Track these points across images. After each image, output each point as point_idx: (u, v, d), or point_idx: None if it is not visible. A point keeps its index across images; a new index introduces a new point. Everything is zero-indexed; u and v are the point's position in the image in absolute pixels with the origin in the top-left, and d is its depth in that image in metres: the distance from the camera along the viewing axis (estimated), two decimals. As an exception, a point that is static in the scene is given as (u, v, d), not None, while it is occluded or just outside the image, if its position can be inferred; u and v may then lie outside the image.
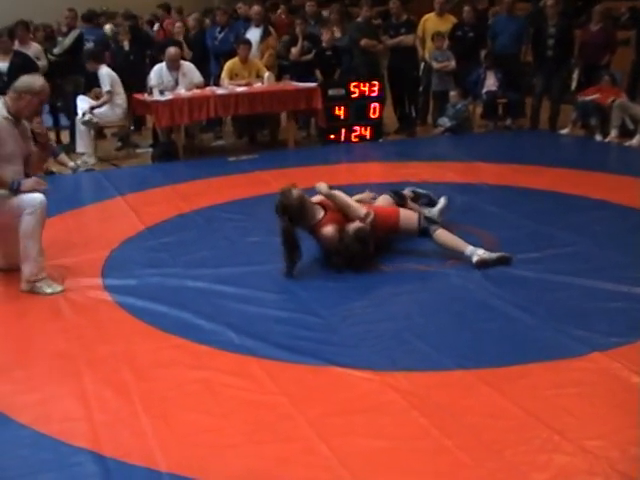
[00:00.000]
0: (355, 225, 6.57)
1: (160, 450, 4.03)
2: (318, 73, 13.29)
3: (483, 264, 6.45)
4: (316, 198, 6.87)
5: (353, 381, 4.70)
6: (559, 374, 4.67)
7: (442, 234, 6.72)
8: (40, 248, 6.28)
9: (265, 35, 13.84)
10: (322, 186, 6.84)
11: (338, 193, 6.81)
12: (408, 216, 6.87)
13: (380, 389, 4.58)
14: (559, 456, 3.83)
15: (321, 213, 6.70)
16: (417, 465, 3.84)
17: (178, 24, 14.67)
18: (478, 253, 6.49)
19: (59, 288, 6.28)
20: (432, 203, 7.55)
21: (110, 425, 4.31)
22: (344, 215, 6.71)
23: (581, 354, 4.89)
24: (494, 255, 6.52)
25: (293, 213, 6.51)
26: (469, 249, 6.57)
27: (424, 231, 6.76)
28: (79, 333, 5.57)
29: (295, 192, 6.56)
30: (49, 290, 6.21)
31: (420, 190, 7.73)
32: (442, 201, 7.45)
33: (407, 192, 7.52)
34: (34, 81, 6.69)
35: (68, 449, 4.09)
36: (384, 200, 7.20)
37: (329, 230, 6.57)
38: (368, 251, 6.57)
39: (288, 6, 18.05)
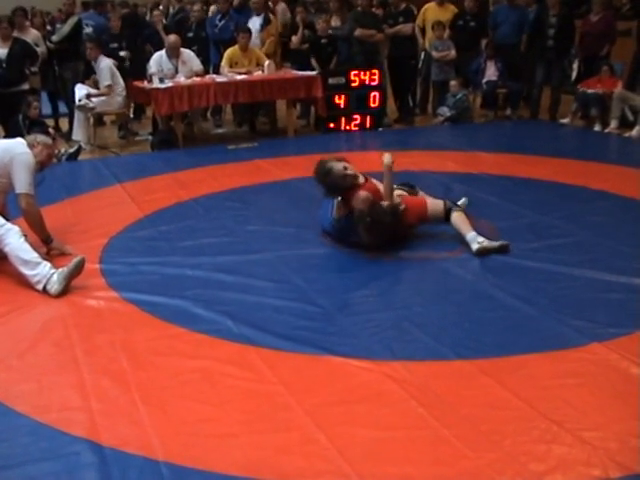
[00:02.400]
0: (389, 202, 6.65)
1: (158, 439, 4.02)
2: (314, 61, 13.25)
3: (483, 252, 6.45)
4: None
5: (352, 371, 4.69)
6: (558, 364, 4.66)
7: (456, 217, 6.77)
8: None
9: (266, 23, 13.81)
10: (387, 158, 6.91)
11: (392, 180, 6.87)
12: (436, 206, 6.93)
13: (379, 379, 4.57)
14: (558, 447, 3.82)
15: (361, 179, 6.75)
16: (416, 455, 3.83)
17: (156, 12, 14.61)
18: (478, 241, 6.49)
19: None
20: None
21: (108, 414, 4.30)
22: (378, 192, 6.75)
23: (580, 344, 4.87)
24: (495, 243, 6.52)
25: (325, 184, 6.73)
26: (470, 235, 6.58)
27: (448, 214, 6.83)
28: (76, 322, 5.55)
29: (333, 173, 6.65)
30: (60, 287, 6.13)
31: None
32: (461, 202, 7.44)
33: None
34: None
35: (66, 438, 4.08)
36: (397, 194, 7.12)
37: (363, 193, 6.59)
38: (396, 227, 6.59)
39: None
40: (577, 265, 6.20)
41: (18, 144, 6.81)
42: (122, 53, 13.09)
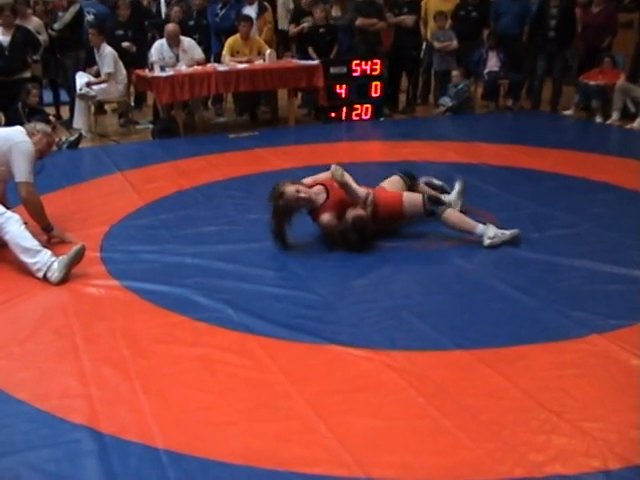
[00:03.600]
0: (354, 213, 6.48)
1: (157, 427, 4.02)
2: (311, 51, 13.24)
3: (494, 246, 6.47)
4: (319, 177, 6.83)
5: (352, 360, 4.69)
6: (558, 355, 4.66)
7: (450, 215, 6.65)
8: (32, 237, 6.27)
9: (261, 11, 13.81)
10: (338, 173, 6.57)
11: (349, 182, 6.62)
12: (412, 200, 6.74)
13: (379, 368, 4.57)
14: (557, 437, 3.82)
15: (322, 197, 6.62)
16: (415, 444, 3.83)
17: (176, 8, 14.46)
18: (489, 235, 6.47)
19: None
20: (445, 192, 7.43)
21: (108, 402, 4.30)
22: (345, 199, 6.61)
23: (580, 336, 4.88)
24: (506, 235, 6.52)
25: (283, 213, 6.53)
26: (479, 228, 6.55)
27: (431, 213, 6.67)
28: (76, 309, 5.55)
29: (286, 196, 6.48)
30: (60, 275, 6.13)
31: (435, 181, 7.59)
32: (457, 186, 7.33)
33: (422, 181, 7.36)
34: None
35: (66, 425, 4.09)
36: (394, 181, 7.10)
37: (326, 218, 6.53)
38: (365, 239, 6.51)
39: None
40: (577, 256, 6.19)
41: (17, 132, 6.80)
42: (125, 44, 13.03)
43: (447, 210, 6.68)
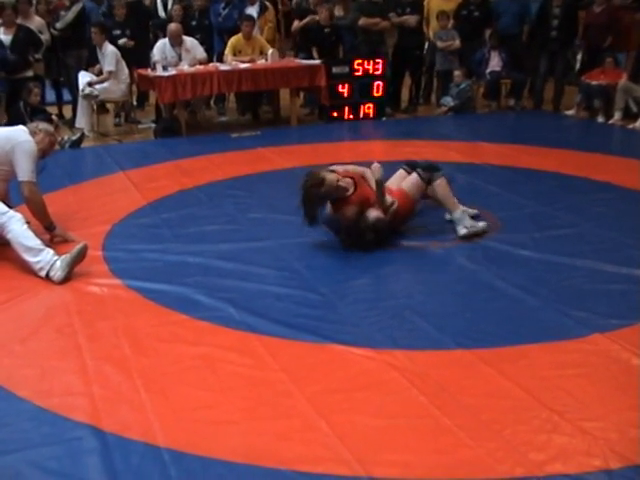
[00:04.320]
0: (376, 214, 6.53)
1: (159, 425, 4.03)
2: (315, 51, 13.25)
3: (467, 237, 6.62)
4: (350, 169, 6.89)
5: (353, 359, 4.70)
6: (559, 355, 4.67)
7: (440, 185, 6.85)
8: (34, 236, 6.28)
9: (262, 11, 13.81)
10: (376, 172, 6.70)
11: (384, 186, 6.73)
12: (411, 184, 6.94)
13: (380, 367, 4.58)
14: (558, 437, 3.83)
15: (350, 190, 6.61)
16: (416, 443, 3.84)
17: (176, 7, 14.40)
18: (465, 225, 6.61)
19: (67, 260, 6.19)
20: None
21: (110, 400, 4.31)
22: (370, 198, 6.63)
23: (581, 335, 4.88)
24: (478, 227, 6.69)
25: (320, 199, 6.54)
26: (458, 212, 6.71)
27: (429, 181, 6.86)
28: (79, 308, 5.56)
29: (326, 182, 6.44)
30: (63, 274, 6.13)
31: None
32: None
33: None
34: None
35: (68, 423, 4.10)
36: (400, 177, 7.13)
37: (350, 211, 6.52)
38: (379, 240, 6.55)
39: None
40: (579, 256, 6.20)
41: (20, 132, 6.81)
42: (120, 41, 13.02)
43: (440, 179, 6.87)
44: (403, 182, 6.98)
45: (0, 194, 6.64)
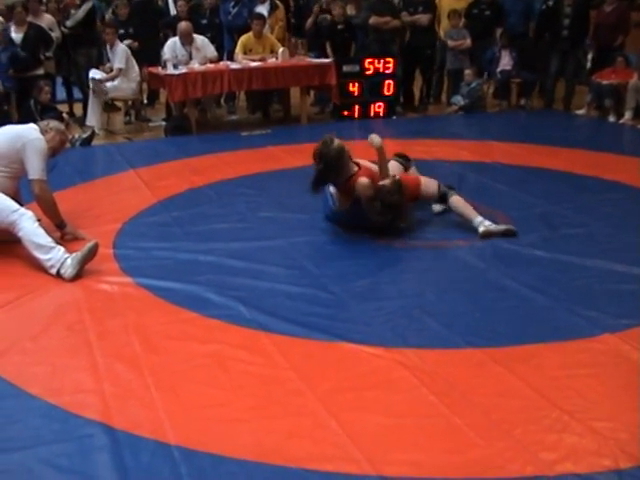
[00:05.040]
0: (390, 179, 6.72)
1: (169, 423, 4.04)
2: (328, 47, 13.23)
3: (488, 235, 6.59)
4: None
5: (363, 357, 4.70)
6: (569, 355, 4.67)
7: (457, 200, 6.90)
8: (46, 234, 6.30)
9: (272, 10, 13.81)
10: (376, 139, 6.89)
11: (384, 153, 6.94)
12: (429, 184, 7.05)
13: (390, 366, 4.58)
14: (568, 436, 3.83)
15: (355, 168, 6.77)
16: (426, 442, 3.84)
17: (180, 2, 14.36)
18: (485, 224, 6.60)
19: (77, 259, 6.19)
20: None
21: (120, 397, 4.32)
22: (374, 174, 6.80)
23: (592, 335, 4.88)
24: (501, 227, 6.66)
25: (329, 163, 6.64)
26: (478, 219, 6.68)
27: (443, 196, 6.94)
28: (89, 306, 5.57)
29: (336, 142, 6.67)
30: (73, 271, 6.14)
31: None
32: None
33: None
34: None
35: (78, 421, 4.11)
36: (393, 166, 7.23)
37: (364, 180, 6.63)
38: (403, 200, 6.68)
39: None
40: (589, 256, 6.20)
41: (30, 130, 6.82)
42: (125, 42, 13.00)
43: (455, 195, 6.93)
44: (423, 177, 7.21)
45: (11, 192, 6.65)
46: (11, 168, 6.67)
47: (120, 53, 12.24)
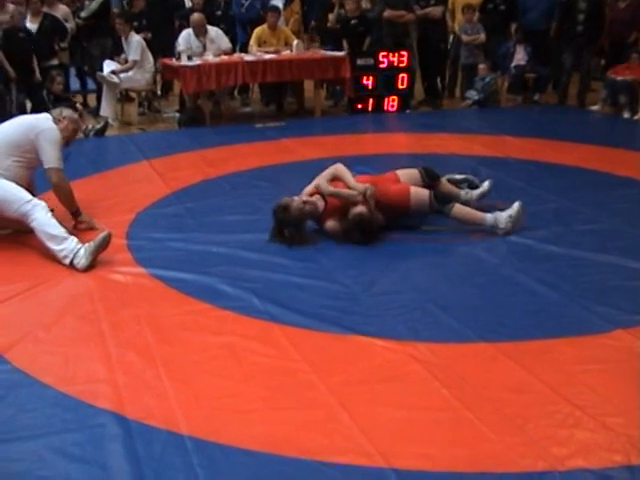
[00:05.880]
0: (355, 211, 6.50)
1: (182, 413, 4.05)
2: (345, 43, 13.21)
3: (510, 232, 6.59)
4: (314, 184, 6.82)
5: (376, 350, 4.71)
6: (582, 350, 4.66)
7: (459, 211, 6.74)
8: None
9: (288, 2, 13.80)
10: (323, 188, 6.66)
11: (339, 191, 6.67)
12: (419, 195, 6.77)
13: (402, 359, 4.58)
14: (580, 432, 3.82)
15: (321, 204, 6.67)
16: (438, 436, 3.84)
17: None
18: (501, 226, 6.60)
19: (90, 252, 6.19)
20: (472, 186, 7.39)
21: (133, 387, 4.33)
22: (340, 204, 6.65)
23: (604, 331, 4.87)
24: (514, 214, 6.64)
25: (295, 224, 6.56)
26: (488, 218, 6.66)
27: (437, 211, 6.77)
28: (103, 295, 5.60)
29: (293, 207, 6.52)
30: (87, 262, 6.12)
31: (457, 176, 7.53)
32: (485, 185, 7.29)
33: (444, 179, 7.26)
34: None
35: (91, 410, 4.12)
36: (411, 175, 7.06)
37: (330, 224, 6.62)
38: (370, 234, 6.54)
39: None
40: (602, 251, 6.19)
41: (44, 119, 6.83)
42: (141, 35, 13.00)
43: (455, 206, 6.75)
44: (413, 187, 6.84)
45: (25, 182, 6.67)
46: (25, 158, 6.68)
47: (135, 45, 12.26)
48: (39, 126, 6.70)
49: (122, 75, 12.23)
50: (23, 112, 10.43)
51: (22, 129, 6.72)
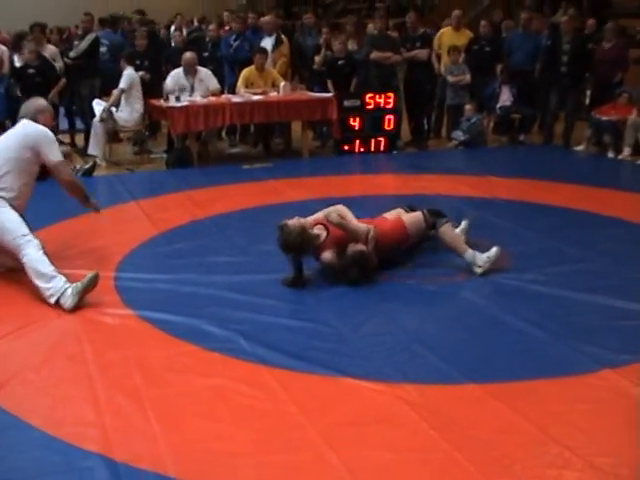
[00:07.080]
0: (354, 248, 6.54)
1: (170, 456, 4.04)
2: (330, 83, 13.29)
3: (486, 272, 6.62)
4: (317, 216, 6.85)
5: (364, 392, 4.71)
6: (570, 390, 4.68)
7: (446, 230, 6.81)
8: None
9: (277, 44, 13.89)
10: (333, 217, 6.64)
11: (347, 223, 6.67)
12: (413, 219, 6.92)
13: (391, 401, 4.59)
14: (569, 472, 3.83)
15: (323, 234, 6.65)
16: (426, 477, 3.85)
17: (177, 33, 14.48)
18: (478, 265, 6.63)
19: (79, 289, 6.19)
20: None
21: (121, 430, 4.33)
22: (345, 236, 6.64)
23: (592, 370, 4.89)
24: (492, 257, 6.65)
25: (297, 248, 6.51)
26: (469, 254, 6.69)
27: (433, 225, 6.84)
28: (91, 337, 5.59)
29: (294, 228, 6.43)
30: (73, 301, 6.13)
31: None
32: (463, 224, 7.36)
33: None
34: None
35: (79, 453, 4.11)
36: (397, 214, 7.13)
37: (328, 256, 6.57)
38: (366, 274, 6.57)
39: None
40: (589, 291, 6.21)
41: (27, 125, 6.79)
42: (140, 74, 13.08)
43: (445, 225, 6.84)
44: (405, 215, 7.01)
45: (21, 206, 6.66)
46: (32, 172, 6.73)
47: (125, 76, 12.31)
48: (29, 133, 6.71)
49: (118, 114, 12.31)
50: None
51: (16, 145, 6.66)
